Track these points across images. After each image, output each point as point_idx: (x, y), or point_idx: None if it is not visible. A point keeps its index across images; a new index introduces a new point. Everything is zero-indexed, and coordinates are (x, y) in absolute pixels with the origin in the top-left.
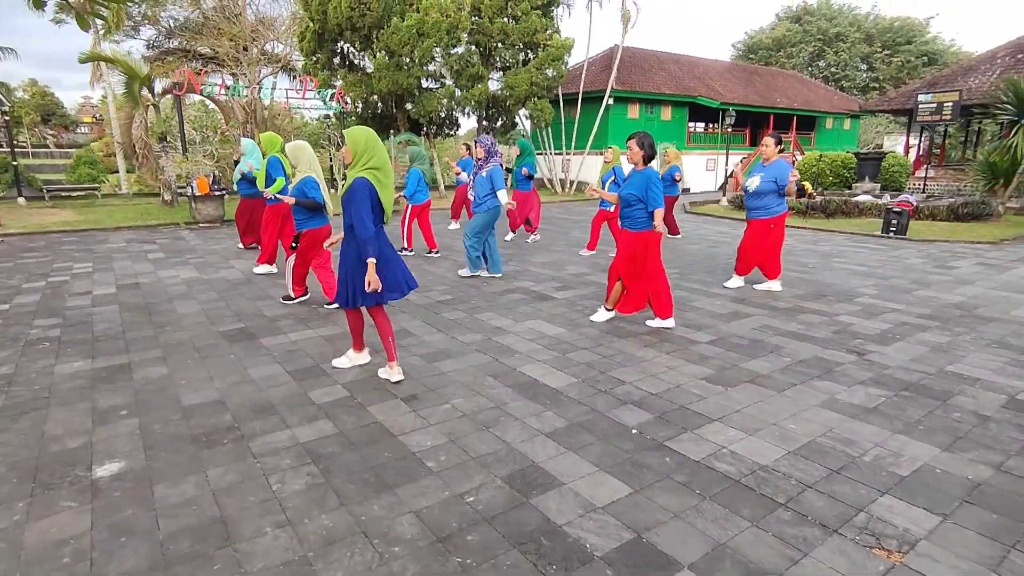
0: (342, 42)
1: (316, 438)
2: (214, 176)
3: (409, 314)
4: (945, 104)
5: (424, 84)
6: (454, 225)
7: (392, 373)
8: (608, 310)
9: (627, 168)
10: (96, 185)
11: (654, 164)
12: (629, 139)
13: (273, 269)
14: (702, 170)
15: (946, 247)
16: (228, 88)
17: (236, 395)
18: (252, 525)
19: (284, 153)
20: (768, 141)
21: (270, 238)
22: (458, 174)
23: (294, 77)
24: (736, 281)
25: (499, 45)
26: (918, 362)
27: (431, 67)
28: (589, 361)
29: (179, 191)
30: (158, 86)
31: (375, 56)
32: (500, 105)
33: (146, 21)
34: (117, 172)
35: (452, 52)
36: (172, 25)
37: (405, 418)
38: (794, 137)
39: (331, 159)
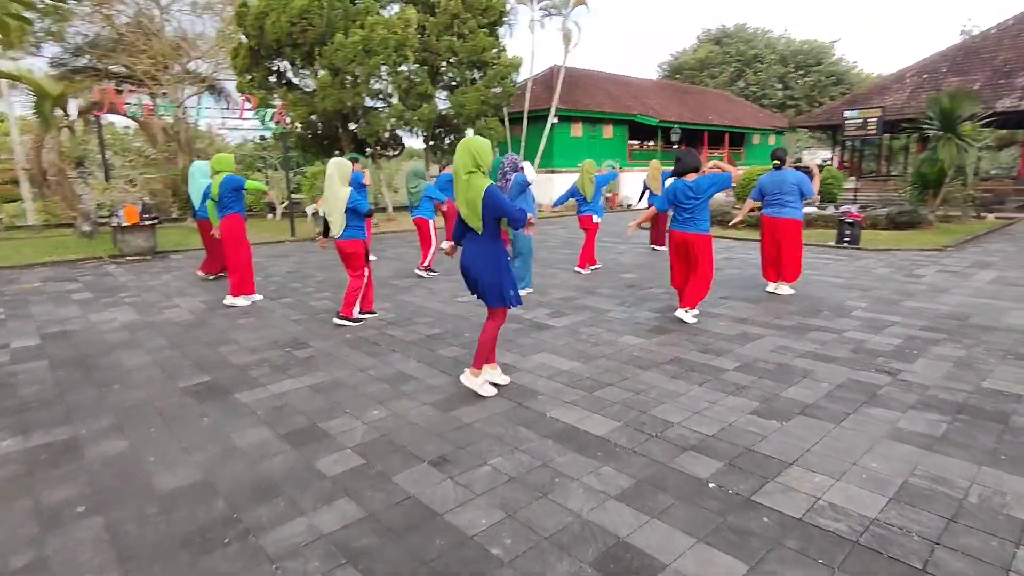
0: (280, 59)
1: (342, 526)
2: (144, 204)
3: (400, 353)
4: (869, 120)
5: (369, 103)
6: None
7: (494, 375)
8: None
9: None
10: None
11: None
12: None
13: (248, 302)
14: (642, 186)
15: (902, 255)
16: (155, 108)
17: (224, 472)
18: None
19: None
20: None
21: (237, 261)
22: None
23: (220, 97)
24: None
25: (446, 64)
26: (952, 380)
27: (376, 85)
28: (622, 400)
29: (100, 221)
30: (72, 106)
31: (317, 74)
32: (449, 124)
33: (50, 37)
34: (12, 201)
35: (399, 70)
36: (81, 42)
37: (442, 488)
38: (727, 153)
39: (267, 180)
